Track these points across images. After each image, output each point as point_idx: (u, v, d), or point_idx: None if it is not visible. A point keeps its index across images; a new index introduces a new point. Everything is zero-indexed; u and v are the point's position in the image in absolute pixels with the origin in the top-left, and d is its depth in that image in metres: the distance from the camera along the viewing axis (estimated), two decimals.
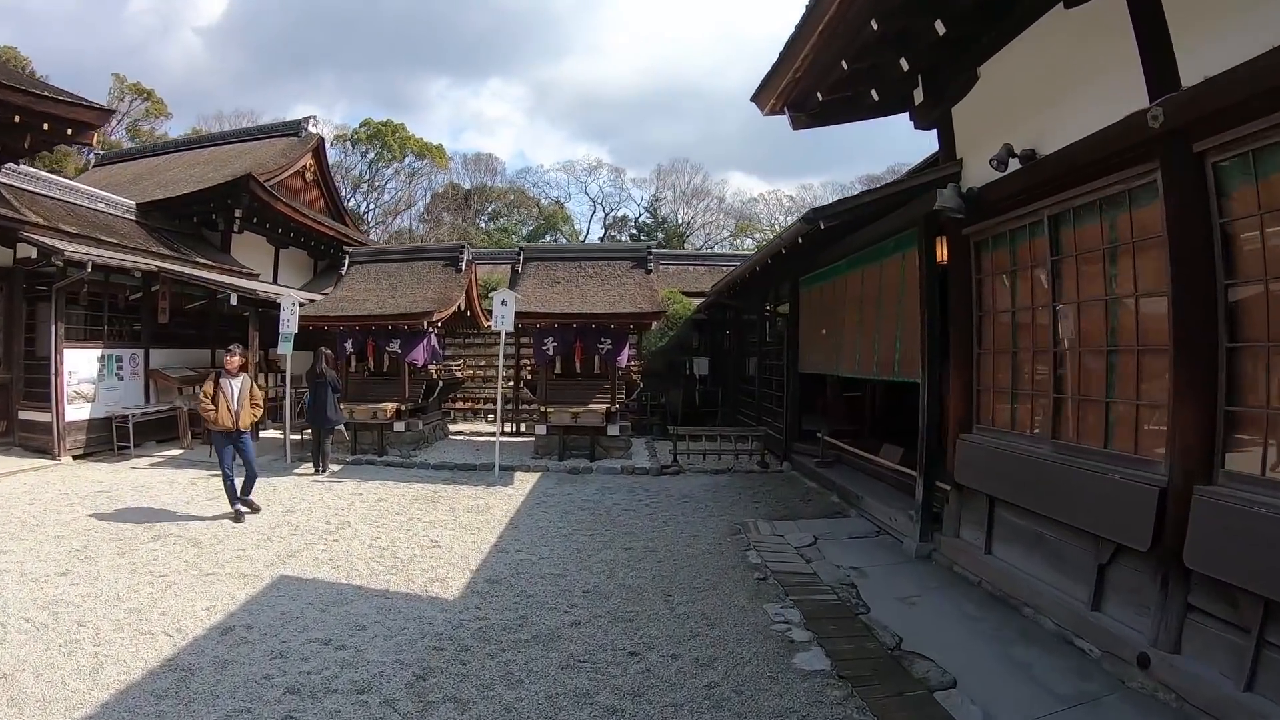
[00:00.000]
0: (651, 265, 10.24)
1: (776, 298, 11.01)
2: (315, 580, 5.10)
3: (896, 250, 6.72)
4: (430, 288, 9.90)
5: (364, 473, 9.00)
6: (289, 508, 7.27)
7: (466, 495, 7.75)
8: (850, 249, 7.75)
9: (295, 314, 9.36)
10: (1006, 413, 5.31)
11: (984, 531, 5.35)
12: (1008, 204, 5.13)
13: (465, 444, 11.04)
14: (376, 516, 6.84)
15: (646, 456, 10.02)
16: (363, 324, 9.36)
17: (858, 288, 7.66)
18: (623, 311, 8.79)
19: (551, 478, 8.66)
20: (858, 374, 7.69)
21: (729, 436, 10.03)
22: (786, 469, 9.71)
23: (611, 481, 8.55)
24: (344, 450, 9.99)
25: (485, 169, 45.17)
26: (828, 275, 8.69)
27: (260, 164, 17.17)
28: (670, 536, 6.17)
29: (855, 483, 7.83)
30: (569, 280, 9.82)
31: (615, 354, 9.14)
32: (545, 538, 6.02)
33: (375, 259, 11.16)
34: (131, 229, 14.09)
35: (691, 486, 8.44)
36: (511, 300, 8.33)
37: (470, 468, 9.07)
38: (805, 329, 9.58)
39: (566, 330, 9.14)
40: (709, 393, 14.78)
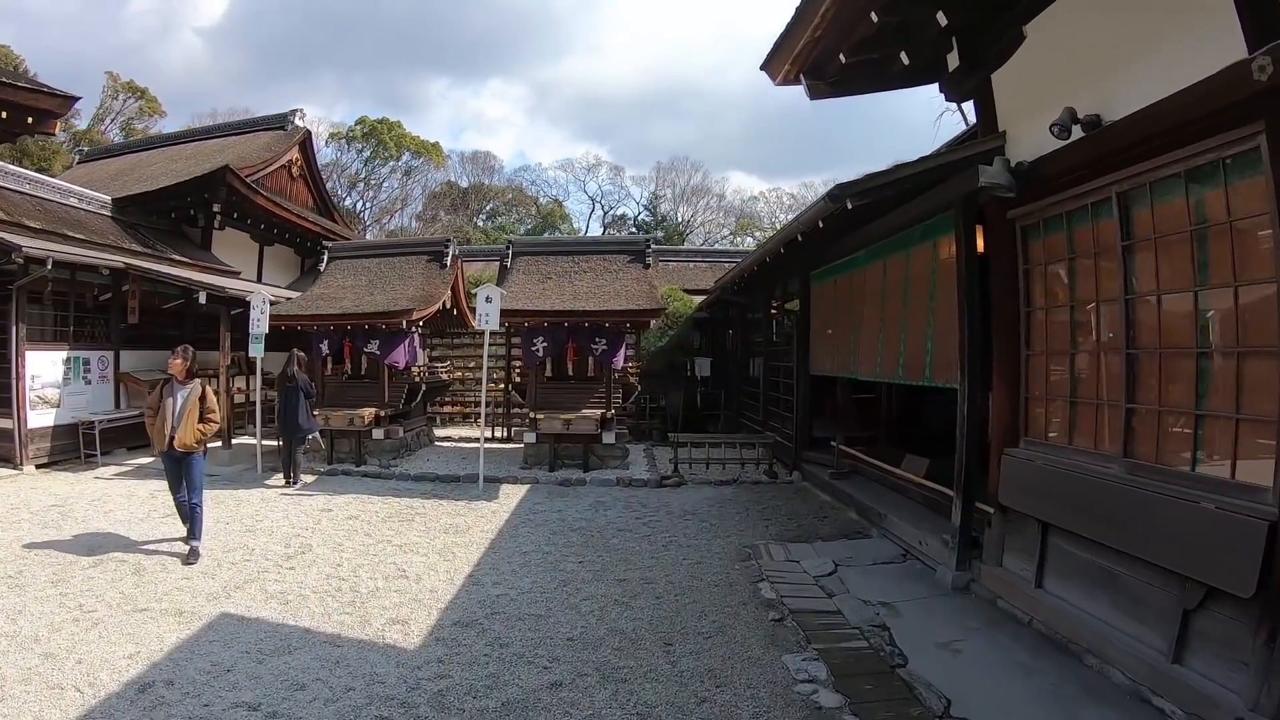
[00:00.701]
0: (650, 259, 9.52)
1: (785, 294, 10.28)
2: (259, 620, 4.39)
3: (926, 238, 5.98)
4: (412, 284, 9.18)
5: (338, 484, 8.28)
6: (249, 526, 6.56)
7: (445, 512, 7.02)
8: (869, 238, 7.02)
9: (266, 313, 8.65)
10: (1062, 425, 4.59)
11: (1034, 562, 4.64)
12: (1065, 180, 4.42)
13: (451, 451, 10.31)
14: (343, 538, 6.12)
15: (645, 466, 9.28)
16: (338, 323, 8.64)
17: (878, 281, 6.93)
18: (619, 309, 8.06)
19: (541, 491, 7.93)
20: (878, 378, 6.95)
21: (734, 444, 9.30)
22: (797, 479, 8.97)
23: (606, 495, 7.82)
24: (320, 459, 9.28)
25: (483, 167, 44.64)
26: (843, 269, 7.95)
27: (243, 158, 16.49)
28: (671, 564, 5.43)
29: (876, 498, 7.10)
30: (561, 275, 9.09)
31: (611, 355, 8.41)
32: (528, 566, 5.28)
33: (356, 254, 10.45)
34: (105, 225, 13.43)
35: (694, 501, 7.71)
36: (497, 296, 7.61)
37: (453, 479, 8.34)
38: (817, 327, 8.85)
39: (558, 329, 8.41)
40: (711, 395, 14.04)
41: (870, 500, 7.06)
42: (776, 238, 6.52)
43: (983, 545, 5.27)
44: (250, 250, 16.44)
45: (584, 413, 8.47)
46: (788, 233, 5.91)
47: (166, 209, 14.50)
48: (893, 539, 6.32)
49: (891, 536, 6.38)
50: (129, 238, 13.44)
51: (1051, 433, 4.74)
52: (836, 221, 5.16)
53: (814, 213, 4.92)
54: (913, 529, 6.07)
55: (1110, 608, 3.89)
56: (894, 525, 6.40)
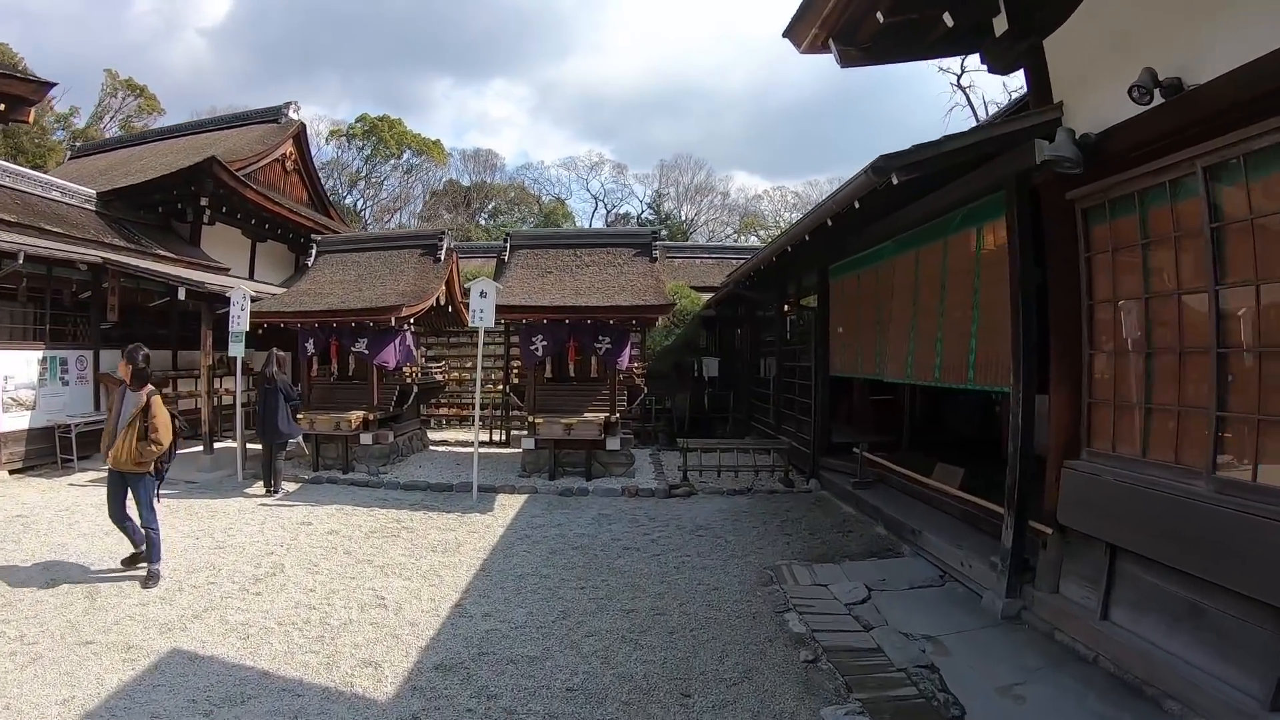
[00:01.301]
0: (657, 253, 8.92)
1: (800, 290, 9.68)
2: (213, 659, 3.82)
3: (968, 224, 5.38)
4: (404, 279, 8.60)
5: (321, 494, 7.70)
6: (219, 542, 5.99)
7: (435, 526, 6.43)
8: (898, 227, 6.41)
9: (246, 309, 8.08)
10: (1134, 434, 4.00)
11: (1099, 590, 4.06)
12: (1139, 155, 3.83)
13: (446, 457, 9.72)
14: (319, 557, 5.53)
15: (652, 473, 8.68)
16: (323, 321, 8.06)
17: (909, 274, 6.33)
18: (624, 304, 7.47)
19: (540, 502, 7.34)
20: (909, 380, 6.34)
21: (747, 450, 8.70)
22: (815, 488, 8.36)
23: (610, 507, 7.22)
24: (305, 466, 8.70)
25: (485, 165, 44.16)
26: (867, 261, 7.35)
27: (233, 151, 15.96)
28: (684, 590, 4.83)
29: (906, 511, 6.49)
30: (562, 270, 8.50)
31: (615, 354, 7.81)
32: (523, 593, 4.68)
33: (345, 248, 9.87)
34: (88, 220, 12.91)
35: (706, 513, 7.10)
36: (492, 291, 7.02)
37: (445, 488, 7.75)
38: (837, 325, 8.24)
39: (558, 326, 7.82)
40: (719, 397, 13.44)
41: (899, 513, 6.46)
42: (803, 223, 5.90)
43: (1036, 569, 4.69)
44: (242, 247, 15.89)
45: (586, 416, 7.87)
46: (817, 216, 5.29)
47: (153, 203, 13.98)
48: (928, 558, 5.72)
49: (927, 555, 5.77)
50: (113, 233, 12.92)
51: (1121, 443, 4.14)
52: (875, 202, 4.55)
53: (852, 190, 4.31)
54: (952, 548, 5.46)
55: (1194, 646, 3.35)
56: (929, 543, 5.79)
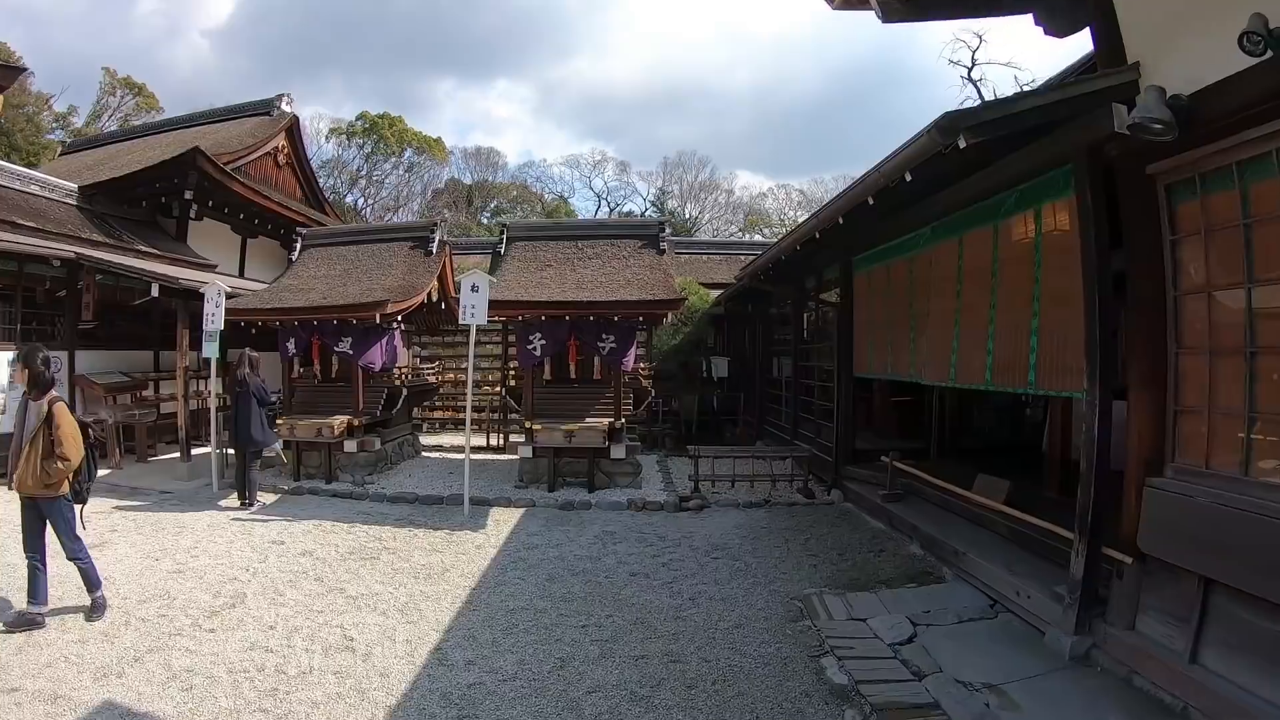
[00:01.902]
0: (665, 245, 8.27)
1: (820, 283, 9.01)
2: (147, 717, 3.19)
3: (1024, 205, 4.71)
4: (392, 274, 7.97)
5: (300, 507, 7.06)
6: (180, 565, 5.36)
7: (420, 546, 5.78)
8: (936, 211, 5.75)
9: (221, 306, 7.46)
10: (1234, 448, 3.35)
11: (1187, 629, 3.44)
12: (1240, 120, 3.19)
13: (438, 465, 9.07)
14: (287, 585, 4.90)
15: (660, 483, 8.01)
16: (303, 318, 7.42)
17: (950, 263, 5.66)
18: (631, 299, 6.81)
19: (537, 517, 6.69)
20: (952, 382, 5.66)
21: (763, 457, 8.03)
22: (838, 500, 7.70)
23: (616, 523, 6.56)
24: (286, 475, 8.08)
25: (487, 164, 43.73)
26: (898, 251, 6.68)
27: (222, 143, 15.37)
28: (702, 628, 4.17)
29: (944, 528, 5.82)
30: (562, 262, 7.84)
31: (620, 353, 7.17)
32: (515, 633, 4.03)
33: (332, 241, 9.24)
34: (67, 214, 12.33)
35: (721, 529, 6.45)
36: (485, 285, 6.37)
37: (435, 501, 7.11)
38: (863, 321, 7.57)
39: (558, 324, 7.17)
40: (729, 398, 12.78)
41: (938, 531, 5.80)
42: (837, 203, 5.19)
43: (1108, 602, 4.04)
44: (231, 243, 15.29)
45: (589, 422, 7.22)
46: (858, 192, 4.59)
47: (136, 197, 13.38)
48: (975, 584, 5.06)
49: (972, 580, 5.11)
50: (93, 228, 12.35)
51: (1217, 458, 3.48)
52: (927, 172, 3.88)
53: (909, 155, 3.62)
54: (1004, 574, 4.80)
55: None
56: (975, 566, 5.13)
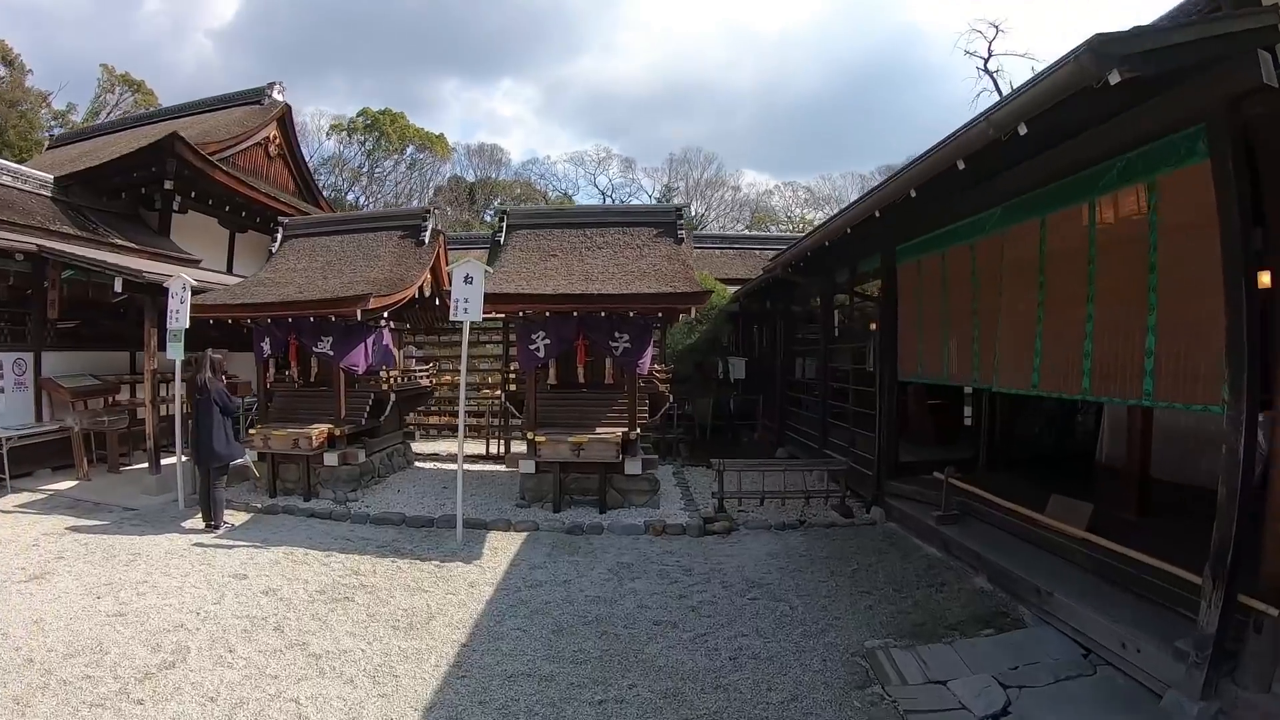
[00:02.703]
0: (684, 233, 7.40)
1: (854, 276, 8.13)
2: None
3: (1133, 177, 3.82)
4: (378, 265, 7.12)
5: (272, 530, 6.21)
6: (123, 605, 4.53)
7: (403, 583, 4.90)
8: (1008, 189, 4.86)
9: (187, 302, 6.63)
10: None
11: None
12: None
13: (432, 477, 8.19)
14: (241, 635, 4.04)
15: (679, 501, 7.12)
16: (276, 315, 6.57)
17: (1029, 248, 4.77)
18: (649, 292, 5.92)
19: (541, 544, 5.79)
20: (1035, 389, 4.76)
21: (794, 470, 7.15)
22: (880, 519, 6.82)
23: (632, 550, 5.67)
24: (262, 489, 7.23)
25: (490, 161, 43.13)
26: (956, 237, 5.80)
27: (209, 133, 14.59)
28: (750, 702, 3.28)
29: (1016, 558, 4.94)
30: (569, 252, 6.97)
31: (635, 354, 6.29)
32: (513, 714, 3.15)
33: (315, 230, 8.40)
34: (39, 206, 11.56)
35: (754, 558, 5.56)
36: (479, 275, 5.50)
37: (425, 523, 6.23)
38: (909, 319, 6.68)
39: (564, 321, 6.29)
40: (746, 401, 11.89)
41: (1010, 562, 4.91)
42: (914, 170, 4.22)
43: (1239, 658, 3.22)
44: (218, 238, 14.48)
45: (600, 433, 6.34)
46: (944, 154, 3.67)
47: (115, 189, 12.61)
48: (1062, 629, 4.19)
49: (1058, 624, 4.24)
50: (67, 221, 11.56)
51: None
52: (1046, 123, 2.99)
53: (1041, 92, 2.73)
54: (1101, 620, 3.93)
55: None
56: (1063, 609, 4.25)
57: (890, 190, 4.55)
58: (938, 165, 3.86)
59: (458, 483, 5.65)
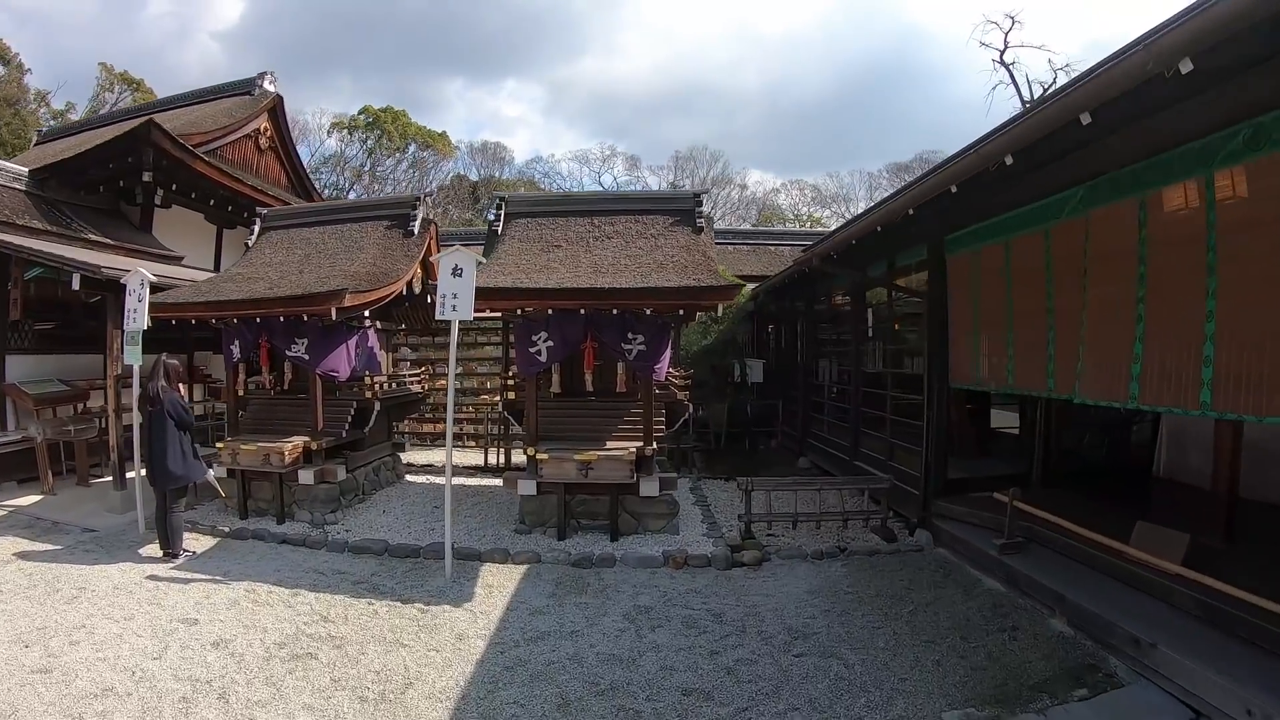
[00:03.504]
0: (703, 221, 6.62)
1: (892, 270, 7.33)
2: None
3: (1265, 144, 3.02)
4: (360, 258, 6.36)
5: (237, 559, 5.44)
6: (51, 658, 3.78)
7: (379, 634, 4.11)
8: (1094, 166, 4.07)
9: (145, 300, 5.89)
10: None
11: None
12: None
13: (424, 493, 7.40)
14: (175, 707, 3.27)
15: (699, 522, 6.32)
16: (244, 314, 5.82)
17: (1124, 233, 3.96)
18: (668, 285, 5.10)
19: (544, 580, 4.97)
20: (1133, 403, 3.95)
21: (831, 488, 6.35)
22: (926, 544, 6.02)
23: (650, 589, 4.86)
24: (234, 509, 6.46)
25: (493, 159, 42.56)
26: (1026, 222, 5.00)
27: (194, 123, 13.89)
28: None
29: (1105, 600, 4.16)
30: (575, 242, 6.18)
31: (652, 358, 5.51)
32: None
33: (296, 221, 7.64)
34: (12, 200, 10.88)
35: (794, 598, 4.76)
36: (470, 266, 4.71)
37: (410, 553, 5.44)
38: (963, 317, 5.89)
39: (570, 319, 5.50)
40: (764, 407, 11.09)
41: (1093, 602, 4.15)
42: (1028, 122, 3.36)
43: None
44: (205, 234, 13.76)
45: (611, 449, 5.54)
46: (1069, 102, 2.85)
47: (92, 182, 11.89)
48: (1169, 688, 3.42)
49: (1164, 682, 3.47)
50: (39, 215, 10.87)
51: None
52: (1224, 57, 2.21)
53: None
54: (1219, 680, 3.18)
55: None
56: (1170, 664, 3.48)
57: (989, 150, 3.70)
58: (1051, 121, 3.04)
59: (446, 509, 4.86)
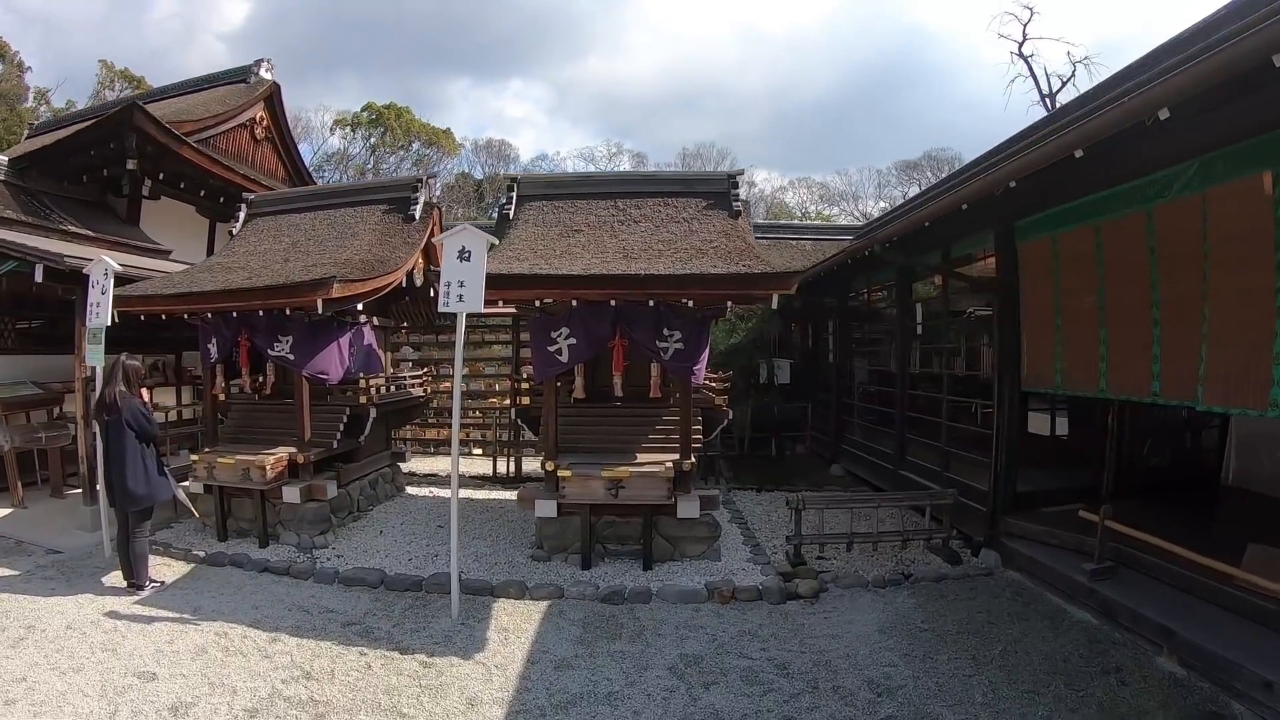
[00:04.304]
0: (739, 205, 5.87)
1: (947, 259, 6.58)
2: None
3: None
4: (354, 245, 5.62)
5: (210, 593, 4.68)
6: None
7: (371, 696, 3.32)
8: (1210, 139, 3.31)
9: (108, 293, 5.17)
10: None
11: None
12: None
13: (428, 508, 6.62)
14: None
15: (741, 545, 5.52)
16: (219, 308, 5.08)
17: (1252, 212, 3.24)
18: (714, 273, 4.33)
19: (569, 622, 4.18)
20: (1273, 412, 3.20)
21: (893, 504, 5.58)
22: (994, 565, 5.27)
23: (697, 632, 4.08)
24: (212, 530, 5.72)
25: (498, 157, 41.96)
26: (1119, 203, 4.24)
27: (184, 111, 13.19)
28: None
29: (1220, 635, 3.50)
30: (597, 227, 5.42)
31: (690, 358, 4.74)
32: None
33: (286, 207, 6.90)
34: None
35: (864, 639, 4.00)
36: (478, 247, 3.90)
37: (410, 585, 4.67)
38: (1040, 312, 5.13)
39: (596, 313, 4.73)
40: (791, 409, 10.32)
41: (1208, 638, 3.51)
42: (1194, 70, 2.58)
43: None
44: (197, 227, 13.05)
45: (645, 464, 4.75)
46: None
47: (74, 171, 11.21)
48: None
49: None
50: (15, 206, 10.17)
51: None
52: None
53: None
54: None
55: None
56: None
57: (1134, 106, 2.93)
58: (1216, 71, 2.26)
59: (452, 537, 4.09)
